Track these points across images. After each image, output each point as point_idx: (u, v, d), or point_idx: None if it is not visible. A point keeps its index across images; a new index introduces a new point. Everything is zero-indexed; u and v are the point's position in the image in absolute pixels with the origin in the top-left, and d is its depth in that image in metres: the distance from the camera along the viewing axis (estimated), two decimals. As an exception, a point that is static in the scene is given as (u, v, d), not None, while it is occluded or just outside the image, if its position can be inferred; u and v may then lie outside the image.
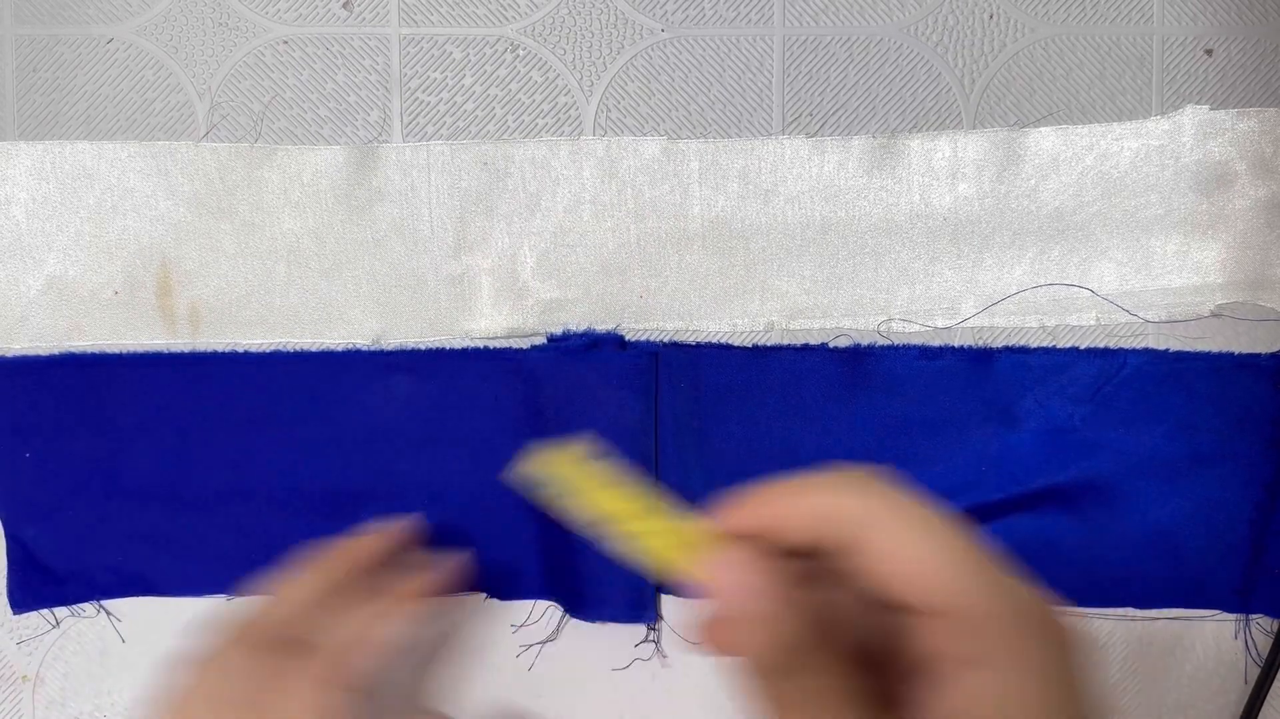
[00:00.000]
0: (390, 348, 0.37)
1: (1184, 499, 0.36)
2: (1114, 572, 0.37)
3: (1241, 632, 0.37)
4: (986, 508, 0.36)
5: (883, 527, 0.21)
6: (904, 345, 0.37)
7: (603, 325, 0.37)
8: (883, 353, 0.37)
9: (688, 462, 0.36)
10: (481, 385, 0.36)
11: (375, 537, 0.34)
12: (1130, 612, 0.37)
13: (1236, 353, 0.37)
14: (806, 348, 0.37)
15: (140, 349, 0.37)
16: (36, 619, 0.36)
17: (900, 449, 0.37)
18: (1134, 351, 0.37)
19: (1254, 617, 0.37)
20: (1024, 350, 0.37)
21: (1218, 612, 0.37)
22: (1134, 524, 0.36)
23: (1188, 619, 0.37)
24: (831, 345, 0.37)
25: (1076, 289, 0.37)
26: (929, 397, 0.37)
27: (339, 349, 0.37)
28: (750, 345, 0.37)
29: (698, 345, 0.37)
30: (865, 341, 0.37)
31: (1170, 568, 0.37)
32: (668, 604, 0.37)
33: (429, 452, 0.36)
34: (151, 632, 0.37)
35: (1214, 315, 0.37)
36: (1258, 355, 0.37)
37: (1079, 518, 0.36)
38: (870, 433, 0.37)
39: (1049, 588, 0.37)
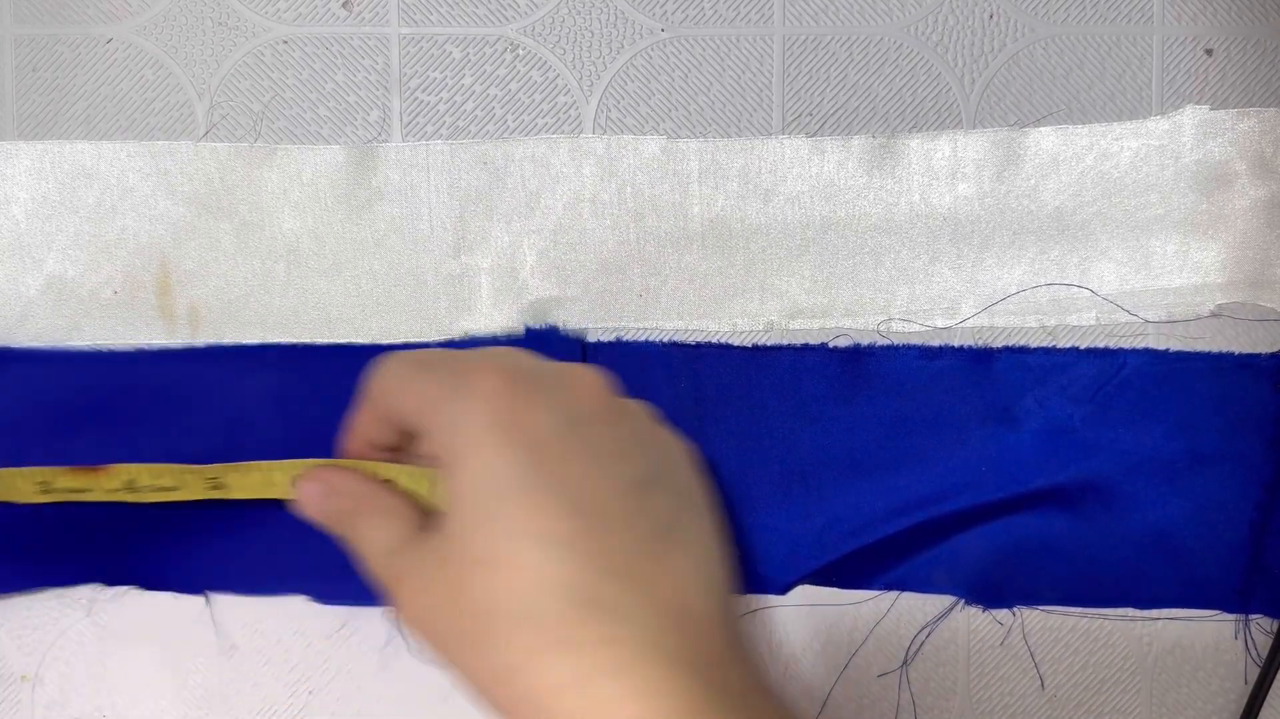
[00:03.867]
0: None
1: (1184, 499, 0.36)
2: (1113, 572, 0.37)
3: (1241, 632, 0.37)
4: (985, 508, 0.36)
5: (399, 395, 0.30)
6: (904, 345, 0.37)
7: (603, 324, 0.37)
8: (883, 353, 0.37)
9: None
10: None
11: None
12: (1130, 612, 0.37)
13: (1236, 353, 0.37)
14: (806, 347, 0.37)
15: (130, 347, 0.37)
16: (36, 618, 0.36)
17: (900, 448, 0.37)
18: (1134, 352, 0.37)
19: (1253, 617, 0.37)
20: (1023, 350, 0.37)
21: (1218, 612, 0.37)
22: (1133, 524, 0.36)
23: (1188, 619, 0.37)
24: (831, 345, 0.37)
25: (1077, 289, 0.37)
26: (929, 396, 0.37)
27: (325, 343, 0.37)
28: (750, 345, 0.37)
29: (697, 345, 0.37)
30: (865, 341, 0.37)
31: (1170, 568, 0.37)
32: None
33: None
34: (146, 631, 0.37)
35: (1214, 315, 0.37)
36: (1258, 355, 0.37)
37: (1078, 518, 0.36)
38: (870, 432, 0.37)
39: (1048, 587, 0.37)
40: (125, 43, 0.37)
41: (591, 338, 0.37)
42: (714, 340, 0.37)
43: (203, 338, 0.37)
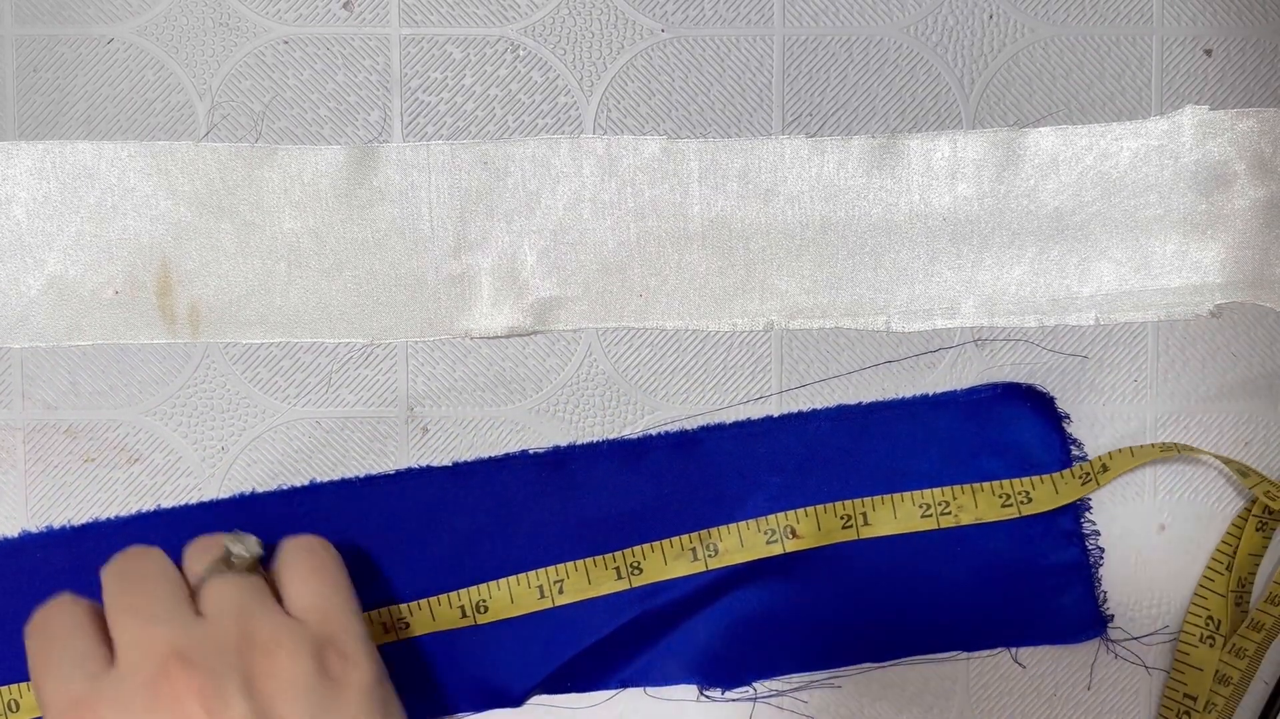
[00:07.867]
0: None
1: (903, 548, 0.36)
2: (841, 628, 0.36)
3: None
4: (706, 589, 0.36)
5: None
6: (604, 442, 0.37)
7: (603, 324, 0.37)
8: (583, 453, 0.37)
9: (390, 588, 0.36)
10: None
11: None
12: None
13: (931, 394, 0.37)
14: (507, 457, 0.37)
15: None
16: None
17: (613, 545, 0.36)
18: (826, 411, 0.37)
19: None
20: (720, 428, 0.37)
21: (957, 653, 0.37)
22: (855, 580, 0.36)
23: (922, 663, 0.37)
24: (532, 452, 0.37)
25: (1075, 289, 0.37)
26: (636, 490, 0.37)
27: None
28: (450, 464, 0.37)
29: (397, 474, 0.37)
30: (565, 442, 0.37)
31: (899, 626, 0.37)
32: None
33: None
34: None
35: (1213, 315, 0.37)
36: (954, 392, 0.37)
37: (795, 581, 0.36)
38: (580, 533, 0.36)
39: (782, 656, 0.36)
40: (126, 43, 0.37)
41: (584, 339, 0.37)
42: (414, 465, 0.37)
43: (203, 337, 0.37)
